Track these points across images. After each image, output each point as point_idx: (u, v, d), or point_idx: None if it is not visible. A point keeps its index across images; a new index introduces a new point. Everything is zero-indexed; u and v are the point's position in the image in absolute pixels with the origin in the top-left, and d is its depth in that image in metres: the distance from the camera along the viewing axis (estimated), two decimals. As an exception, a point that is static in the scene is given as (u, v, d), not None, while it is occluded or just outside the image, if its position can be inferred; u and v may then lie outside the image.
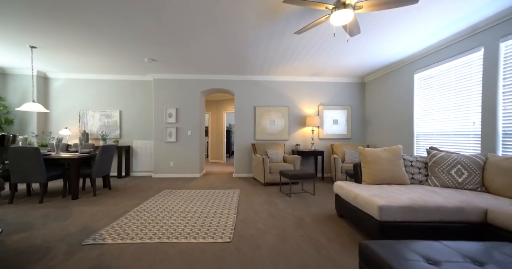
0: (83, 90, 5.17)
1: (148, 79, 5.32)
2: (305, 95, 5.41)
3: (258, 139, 5.34)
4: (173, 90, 5.22)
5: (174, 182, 4.62)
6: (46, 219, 2.51)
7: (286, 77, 5.31)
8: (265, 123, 5.34)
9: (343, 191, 2.39)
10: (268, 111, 5.35)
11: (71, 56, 3.97)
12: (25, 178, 3.08)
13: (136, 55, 3.93)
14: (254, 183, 4.60)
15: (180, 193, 3.72)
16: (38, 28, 2.97)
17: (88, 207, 2.95)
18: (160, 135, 5.17)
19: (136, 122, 5.32)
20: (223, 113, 8.11)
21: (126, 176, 5.14)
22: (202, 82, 5.28)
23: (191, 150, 5.24)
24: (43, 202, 3.13)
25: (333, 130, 5.35)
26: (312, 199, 3.45)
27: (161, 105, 5.19)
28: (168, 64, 4.45)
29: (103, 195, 3.52)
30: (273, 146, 5.00)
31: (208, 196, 3.56)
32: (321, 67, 4.60)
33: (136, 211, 2.78)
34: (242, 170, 5.35)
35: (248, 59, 4.13)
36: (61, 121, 5.14)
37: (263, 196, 3.61)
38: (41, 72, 4.90)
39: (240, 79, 5.32)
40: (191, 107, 5.26)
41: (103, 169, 3.64)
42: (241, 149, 5.35)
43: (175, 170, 5.21)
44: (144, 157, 5.31)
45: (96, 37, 3.21)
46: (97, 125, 5.18)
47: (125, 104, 5.28)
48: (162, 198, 3.38)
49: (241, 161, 5.35)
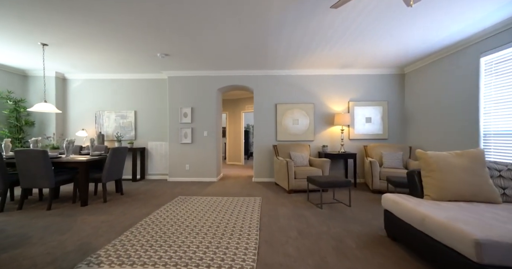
0: (99, 91, 5.05)
1: (163, 77, 5.06)
2: (333, 90, 4.79)
3: (280, 140, 4.83)
4: (188, 88, 4.91)
5: (189, 187, 4.27)
6: (45, 231, 2.23)
7: (311, 70, 4.75)
8: (288, 122, 4.81)
9: (399, 208, 1.80)
10: (290, 109, 4.82)
11: (84, 53, 3.79)
12: (33, 183, 2.88)
13: (148, 50, 3.63)
14: (276, 189, 4.10)
15: (194, 201, 3.33)
16: (50, 24, 2.75)
17: (94, 216, 2.66)
18: (175, 136, 4.88)
19: (151, 123, 5.09)
20: (241, 112, 7.72)
21: (141, 179, 4.91)
22: (218, 78, 4.90)
23: (207, 152, 4.88)
24: (51, 209, 2.91)
25: (366, 130, 4.67)
26: (349, 212, 2.86)
27: (176, 104, 4.89)
28: (183, 60, 4.12)
29: (114, 202, 3.25)
30: (297, 148, 4.46)
31: (226, 205, 3.12)
32: (354, 57, 3.97)
33: (143, 224, 2.42)
34: (263, 174, 4.87)
35: (268, 50, 3.65)
36: (79, 123, 5.06)
37: (288, 206, 3.10)
38: (59, 73, 4.86)
39: (260, 74, 4.86)
40: (207, 106, 4.90)
41: (114, 173, 3.37)
42: (261, 151, 4.87)
43: (191, 174, 4.88)
44: (159, 159, 5.05)
45: (107, 29, 2.93)
46: (113, 126, 5.02)
47: (140, 104, 5.07)
48: (174, 207, 3.01)
49: (262, 164, 4.87)
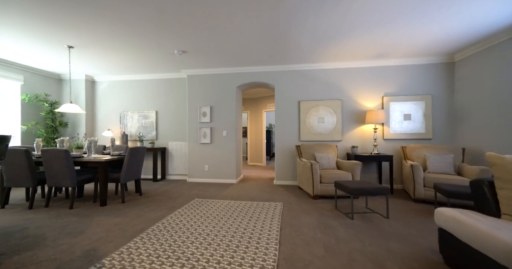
0: (123, 92, 5.19)
1: (182, 76, 5.02)
2: (364, 84, 4.27)
3: (304, 140, 4.45)
4: (207, 86, 4.78)
5: (207, 188, 4.12)
6: (61, 232, 2.20)
7: (339, 63, 4.28)
8: (312, 120, 4.41)
9: (465, 230, 1.36)
10: (315, 106, 4.41)
11: (106, 54, 3.86)
12: (57, 182, 2.95)
13: (165, 47, 3.55)
14: (299, 194, 3.74)
15: (210, 204, 3.14)
16: (74, 26, 2.79)
17: (109, 218, 2.60)
18: (194, 136, 4.79)
19: (172, 123, 5.08)
20: (262, 111, 7.45)
21: (162, 179, 4.92)
22: (237, 75, 4.70)
23: (227, 153, 4.70)
24: (73, 208, 2.94)
25: (404, 128, 4.06)
26: (386, 225, 2.41)
27: (195, 104, 4.81)
28: (200, 57, 3.98)
29: (131, 202, 3.20)
30: (323, 149, 4.04)
31: (243, 211, 2.87)
32: (389, 45, 3.44)
33: (155, 229, 2.27)
34: (285, 176, 4.54)
35: (290, 42, 3.33)
36: (105, 123, 5.26)
37: (313, 215, 2.74)
38: (88, 76, 5.09)
39: (281, 70, 4.54)
40: (227, 105, 4.73)
41: (132, 173, 3.34)
42: (283, 152, 4.54)
43: (210, 175, 4.74)
44: (179, 160, 5.02)
45: (123, 28, 2.89)
46: (136, 126, 5.12)
47: (161, 104, 5.10)
48: (189, 211, 2.84)
49: (283, 166, 4.54)
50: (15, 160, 2.92)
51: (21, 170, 2.93)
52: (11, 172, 2.97)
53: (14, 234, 2.16)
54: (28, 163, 2.91)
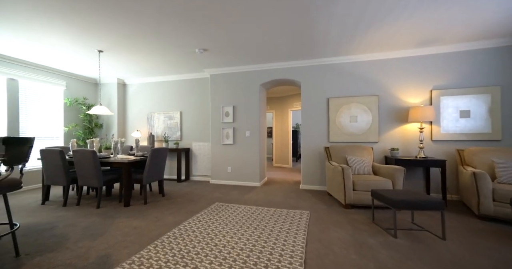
0: (150, 93, 5.35)
1: (205, 76, 4.97)
2: (406, 77, 3.68)
3: (334, 141, 4.02)
4: (230, 85, 4.65)
5: (229, 191, 3.97)
6: (83, 234, 2.22)
7: (374, 54, 3.76)
8: (343, 119, 3.96)
9: None
10: (347, 103, 3.95)
11: (134, 57, 3.96)
12: (86, 181, 3.06)
13: (186, 47, 3.49)
14: (329, 201, 3.35)
15: (231, 210, 2.96)
16: (102, 30, 2.88)
17: (130, 220, 2.58)
18: (217, 137, 4.70)
19: (195, 123, 5.07)
20: (288, 111, 7.11)
21: (185, 180, 4.93)
22: (261, 73, 4.47)
23: (250, 154, 4.50)
24: (100, 207, 3.03)
25: (461, 127, 3.37)
26: (443, 249, 1.93)
27: (218, 103, 4.71)
28: (222, 55, 3.85)
29: (153, 204, 3.19)
30: (356, 151, 3.58)
31: (265, 219, 2.62)
32: (440, 28, 2.86)
33: (171, 236, 2.16)
34: (312, 180, 4.17)
35: (317, 33, 2.97)
36: (135, 124, 5.48)
37: (346, 228, 2.36)
38: (120, 79, 5.36)
39: (308, 65, 4.18)
40: (250, 104, 4.53)
41: (154, 174, 3.34)
42: (310, 154, 4.18)
43: (233, 177, 4.60)
44: (202, 161, 4.98)
45: (145, 28, 2.88)
46: (161, 127, 5.23)
47: (185, 105, 5.12)
48: (208, 217, 2.69)
49: (310, 169, 4.17)
50: (52, 160, 3.11)
51: (56, 169, 3.12)
52: (49, 171, 3.18)
53: (44, 233, 2.24)
54: (62, 163, 3.08)
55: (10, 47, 3.48)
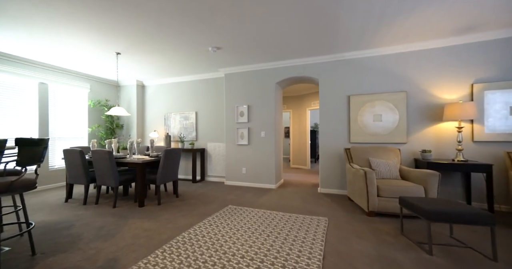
0: (167, 94, 5.43)
1: (220, 75, 4.91)
2: (440, 70, 3.28)
3: (355, 141, 3.72)
4: (244, 84, 4.53)
5: (243, 193, 3.85)
6: (96, 234, 2.23)
7: (403, 46, 3.41)
8: (366, 118, 3.64)
9: None
10: (370, 101, 3.63)
11: (150, 57, 4.02)
12: (103, 181, 3.13)
13: (199, 45, 3.44)
14: (350, 207, 3.08)
15: (244, 214, 2.83)
16: (120, 32, 2.93)
17: (142, 221, 2.57)
18: (232, 137, 4.61)
19: (210, 123, 5.04)
20: (306, 110, 6.84)
21: (201, 181, 4.92)
22: (276, 71, 4.29)
23: (265, 155, 4.35)
24: (116, 206, 3.08)
25: (511, 126, 2.90)
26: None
27: (232, 103, 4.62)
28: (235, 53, 3.74)
29: (166, 205, 3.18)
30: (381, 153, 3.26)
31: (279, 225, 2.46)
32: (484, 12, 2.46)
33: (180, 240, 2.09)
34: (331, 184, 3.90)
35: (338, 26, 2.73)
36: (153, 124, 5.61)
37: (369, 239, 2.11)
38: (139, 81, 5.52)
39: (326, 60, 3.92)
40: (265, 103, 4.38)
41: (168, 175, 3.33)
42: (329, 155, 3.91)
43: (248, 178, 4.48)
44: (217, 161, 4.93)
45: (160, 30, 2.87)
46: (178, 127, 5.28)
47: (201, 105, 5.11)
48: (219, 221, 2.59)
49: (329, 172, 3.91)
50: (73, 159, 3.24)
51: (77, 168, 3.24)
52: (71, 170, 3.31)
53: (61, 231, 2.30)
54: (82, 163, 3.19)
55: (40, 53, 3.70)
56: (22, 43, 3.32)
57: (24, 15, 2.55)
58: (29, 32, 2.97)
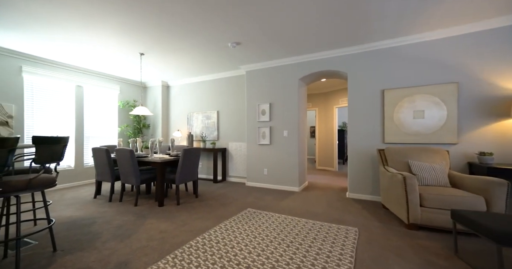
0: (190, 94, 5.48)
1: (241, 73, 4.77)
2: (505, 53, 2.68)
3: (390, 142, 3.27)
4: (266, 81, 4.33)
5: (264, 196, 3.65)
6: (114, 233, 2.23)
7: (451, 29, 2.88)
8: (404, 115, 3.17)
9: None
10: (409, 95, 3.15)
11: (172, 56, 4.04)
12: (126, 179, 3.20)
13: (218, 41, 3.33)
14: (384, 216, 2.68)
15: (263, 219, 2.63)
16: (145, 34, 2.97)
17: (158, 222, 2.52)
18: (253, 137, 4.44)
19: (232, 123, 4.93)
20: (333, 108, 6.38)
21: (222, 181, 4.84)
22: (299, 66, 4.00)
23: (288, 156, 4.09)
24: (137, 205, 3.12)
25: None
26: None
27: (254, 101, 4.45)
28: (256, 48, 3.56)
29: (185, 205, 3.12)
30: (423, 155, 2.79)
31: (301, 234, 2.20)
32: None
33: (192, 246, 1.96)
34: (361, 188, 3.49)
35: (370, 9, 2.37)
36: (176, 124, 5.71)
37: (412, 260, 1.75)
38: (164, 81, 5.67)
39: (356, 52, 3.52)
40: (288, 101, 4.12)
41: (187, 174, 3.28)
42: (359, 157, 3.51)
43: (270, 180, 4.26)
44: (239, 161, 4.81)
45: (178, 28, 2.82)
46: (200, 126, 5.29)
47: (222, 104, 5.04)
48: (236, 225, 2.43)
49: (359, 175, 3.51)
50: (100, 157, 3.37)
51: (104, 166, 3.36)
52: (98, 168, 3.45)
53: (84, 228, 2.35)
54: (107, 161, 3.30)
55: (76, 57, 3.96)
56: (59, 48, 3.56)
57: (59, 22, 2.69)
58: (62, 34, 3.15)
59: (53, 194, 3.76)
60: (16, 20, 2.70)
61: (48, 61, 4.04)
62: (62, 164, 4.26)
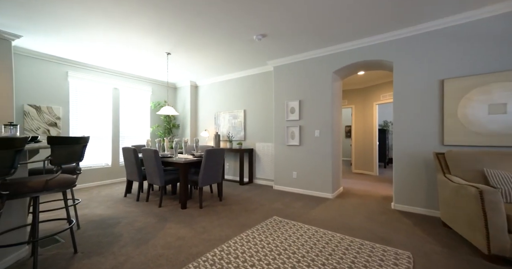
0: (217, 93, 5.39)
1: (269, 69, 4.48)
2: None
3: (452, 143, 2.62)
4: (295, 76, 3.96)
5: (293, 202, 3.30)
6: (133, 237, 2.16)
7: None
8: (474, 111, 2.50)
9: None
10: (482, 84, 2.47)
11: (198, 54, 3.97)
12: (152, 179, 3.19)
13: (242, 34, 3.09)
14: (448, 238, 2.11)
15: (290, 230, 2.30)
16: (172, 34, 2.94)
17: (178, 227, 2.39)
18: (281, 137, 4.11)
19: (259, 122, 4.68)
20: (373, 105, 5.66)
21: (248, 183, 4.62)
22: (333, 57, 3.55)
23: (320, 158, 3.66)
24: (161, 206, 3.08)
25: None
26: None
27: (282, 99, 4.12)
28: (284, 40, 3.23)
29: (207, 209, 2.96)
30: (506, 162, 2.12)
31: (335, 254, 1.82)
32: None
33: (210, 258, 1.75)
34: (411, 199, 2.90)
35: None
36: (204, 124, 5.69)
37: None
38: (192, 81, 5.70)
39: (405, 35, 2.93)
40: (320, 97, 3.70)
41: (211, 176, 3.12)
42: (408, 160, 2.92)
43: (299, 184, 3.89)
44: (266, 163, 4.53)
45: (202, 23, 2.68)
46: (227, 126, 5.16)
47: (249, 103, 4.83)
48: (260, 236, 2.15)
49: (408, 183, 2.92)
50: (128, 157, 3.44)
51: (132, 166, 3.42)
52: (128, 167, 3.54)
53: (107, 229, 2.34)
54: (135, 161, 3.34)
55: (112, 61, 4.17)
56: (98, 52, 3.76)
57: (94, 25, 2.78)
58: (97, 35, 3.29)
59: (91, 190, 4.00)
60: (56, 28, 2.86)
61: (89, 66, 4.34)
62: (100, 162, 4.55)
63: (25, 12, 2.55)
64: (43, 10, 2.49)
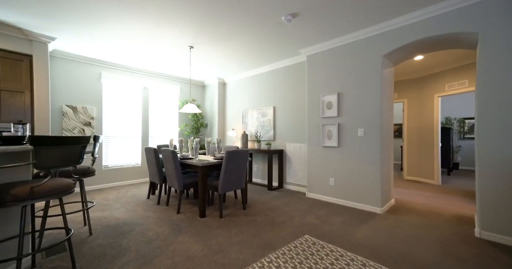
0: (245, 89, 5.02)
1: (301, 59, 3.91)
2: None
3: None
4: (333, 65, 3.32)
5: (331, 216, 2.69)
6: (138, 251, 1.89)
7: None
8: None
9: None
10: None
11: (223, 48, 3.65)
12: (171, 182, 2.95)
13: (269, 15, 2.62)
14: None
15: (326, 259, 1.74)
16: (194, 27, 2.68)
17: (191, 241, 2.05)
18: (315, 137, 3.51)
19: (289, 120, 4.14)
20: (433, 98, 4.60)
21: (278, 188, 4.12)
22: (383, 37, 2.82)
23: (365, 162, 2.97)
24: (180, 212, 2.81)
25: None
26: None
27: (317, 92, 3.51)
28: (319, 19, 2.65)
29: (228, 220, 2.57)
30: None
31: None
32: None
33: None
34: (506, 224, 2.03)
35: None
36: (231, 122, 5.38)
37: None
38: (220, 78, 5.45)
39: (498, -8, 2.08)
40: (364, 88, 3.00)
41: (232, 182, 2.74)
42: (501, 171, 2.06)
43: (337, 193, 3.24)
44: (298, 166, 3.97)
45: (224, 9, 2.32)
46: (255, 125, 4.74)
47: (279, 99, 4.32)
48: (285, 264, 1.65)
49: (502, 201, 2.06)
50: (150, 157, 3.28)
51: (153, 167, 3.26)
52: (149, 168, 3.39)
53: (117, 239, 2.12)
54: (156, 161, 3.16)
55: (141, 60, 4.15)
56: (127, 50, 3.73)
57: (126, 25, 2.67)
58: (124, 31, 3.20)
59: (120, 189, 4.02)
60: (88, 26, 2.83)
61: (120, 66, 4.40)
62: (131, 162, 4.60)
63: (59, 12, 2.52)
64: (76, 9, 2.42)
